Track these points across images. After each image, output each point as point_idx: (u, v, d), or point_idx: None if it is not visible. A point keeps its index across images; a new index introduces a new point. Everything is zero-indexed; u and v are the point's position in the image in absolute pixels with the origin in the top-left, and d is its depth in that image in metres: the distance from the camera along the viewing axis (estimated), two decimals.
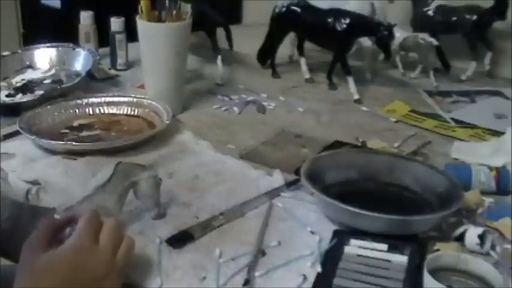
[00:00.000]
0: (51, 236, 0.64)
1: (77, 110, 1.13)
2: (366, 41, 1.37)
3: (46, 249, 0.62)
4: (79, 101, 1.14)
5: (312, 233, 0.78)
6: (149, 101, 1.14)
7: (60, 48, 1.37)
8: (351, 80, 1.30)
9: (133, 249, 0.68)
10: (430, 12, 1.46)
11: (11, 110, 1.12)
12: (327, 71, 1.37)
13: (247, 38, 1.52)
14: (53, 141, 1.00)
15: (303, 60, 1.43)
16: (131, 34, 1.26)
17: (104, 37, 1.43)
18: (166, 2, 1.12)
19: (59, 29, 1.73)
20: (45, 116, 1.10)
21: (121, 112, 1.14)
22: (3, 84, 1.27)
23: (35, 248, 0.62)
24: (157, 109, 1.11)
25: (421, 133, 1.13)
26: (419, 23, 1.48)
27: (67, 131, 1.08)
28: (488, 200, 0.87)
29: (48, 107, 1.11)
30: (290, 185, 0.90)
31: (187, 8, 1.14)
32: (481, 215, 0.83)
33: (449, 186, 0.82)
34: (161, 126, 1.06)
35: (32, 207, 0.81)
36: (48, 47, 1.38)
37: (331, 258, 0.73)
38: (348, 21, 1.27)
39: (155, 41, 1.12)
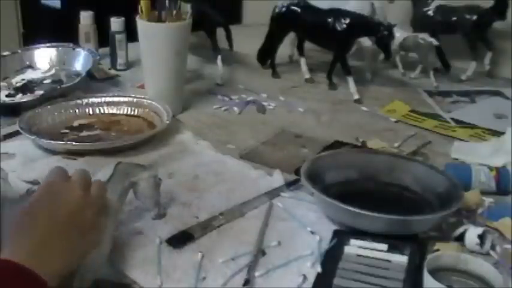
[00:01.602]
0: None
1: (77, 110, 1.13)
2: (366, 41, 1.37)
3: None
4: (79, 101, 1.14)
5: (312, 233, 0.78)
6: (149, 101, 1.14)
7: (60, 48, 1.37)
8: (351, 80, 1.30)
9: (105, 191, 0.69)
10: (430, 12, 1.46)
11: (11, 110, 1.12)
12: (327, 71, 1.37)
13: (247, 38, 1.52)
14: (53, 141, 1.00)
15: (303, 60, 1.43)
16: (131, 34, 1.26)
17: (104, 37, 1.43)
18: (166, 2, 1.12)
19: (59, 29, 1.73)
20: (45, 116, 1.10)
21: (121, 112, 1.14)
22: (3, 84, 1.27)
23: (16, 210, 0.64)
24: (157, 109, 1.12)
25: (421, 133, 1.13)
26: (419, 23, 1.48)
27: (67, 131, 1.08)
28: (488, 200, 0.87)
29: (48, 107, 1.11)
30: (290, 185, 0.90)
31: (187, 8, 1.14)
32: (481, 215, 0.84)
33: (449, 186, 0.82)
34: (161, 126, 1.06)
35: None
36: (48, 47, 1.38)
37: (331, 258, 0.73)
38: (348, 21, 1.27)
39: (155, 41, 1.12)
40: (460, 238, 0.77)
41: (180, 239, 0.76)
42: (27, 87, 1.27)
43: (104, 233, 0.67)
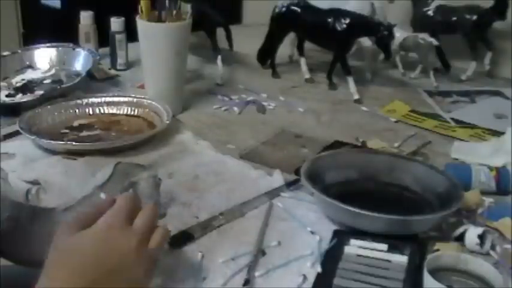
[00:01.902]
0: (91, 220, 0.61)
1: (77, 110, 1.13)
2: (366, 41, 1.37)
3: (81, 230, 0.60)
4: (79, 101, 1.14)
5: (312, 233, 0.78)
6: (149, 101, 1.14)
7: (60, 48, 1.37)
8: (351, 80, 1.30)
9: (168, 240, 0.65)
10: (430, 12, 1.46)
11: (11, 110, 1.12)
12: (327, 71, 1.37)
13: (247, 38, 1.52)
14: (53, 141, 1.00)
15: (303, 60, 1.43)
16: (131, 34, 1.26)
17: (104, 37, 1.43)
18: (166, 2, 1.12)
19: (59, 29, 1.73)
20: (45, 116, 1.10)
21: (121, 112, 1.14)
22: (3, 84, 1.27)
23: (71, 227, 0.60)
24: (157, 109, 1.12)
25: (421, 133, 1.13)
26: (419, 23, 1.48)
27: (67, 131, 1.08)
28: (488, 200, 0.87)
29: (48, 107, 1.11)
30: (290, 185, 0.90)
31: (187, 8, 1.14)
32: (481, 215, 0.84)
33: (449, 186, 0.82)
34: (161, 126, 1.06)
35: (32, 207, 0.81)
36: (48, 47, 1.37)
37: (331, 258, 0.73)
38: (348, 21, 1.27)
39: (155, 41, 1.12)
40: (460, 238, 0.77)
41: (180, 239, 0.76)
42: (27, 87, 1.27)
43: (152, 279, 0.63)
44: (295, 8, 1.34)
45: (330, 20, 1.28)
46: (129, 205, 0.62)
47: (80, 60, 1.33)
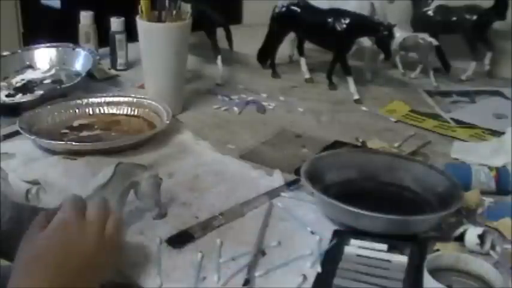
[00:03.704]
0: (44, 226, 0.63)
1: (77, 110, 1.13)
2: (366, 41, 1.37)
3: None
4: (79, 101, 1.14)
5: (312, 233, 0.78)
6: (149, 101, 1.14)
7: (60, 48, 1.36)
8: (350, 80, 1.30)
9: (123, 225, 0.67)
10: (430, 12, 1.46)
11: (11, 110, 1.12)
12: (327, 71, 1.37)
13: (247, 38, 1.52)
14: (53, 141, 1.00)
15: (303, 60, 1.43)
16: (131, 34, 1.26)
17: (104, 37, 1.43)
18: (166, 2, 1.12)
19: (59, 29, 1.73)
20: (45, 116, 1.10)
21: (121, 112, 1.14)
22: (3, 84, 1.27)
23: (28, 238, 0.62)
24: (157, 109, 1.11)
25: (421, 133, 1.13)
26: (419, 23, 1.48)
27: (67, 131, 1.08)
28: (488, 200, 0.87)
29: (48, 107, 1.11)
30: (290, 185, 0.90)
31: (187, 8, 1.14)
32: (481, 215, 0.84)
33: (449, 186, 0.82)
34: (161, 126, 1.06)
35: (32, 208, 0.81)
36: (48, 47, 1.37)
37: (331, 258, 0.73)
38: (348, 21, 1.27)
39: (155, 41, 1.12)
40: (460, 238, 0.76)
41: (180, 239, 0.76)
42: (27, 87, 1.27)
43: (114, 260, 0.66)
44: (295, 8, 1.34)
45: (329, 20, 1.28)
46: (77, 203, 0.65)
47: (80, 60, 1.33)
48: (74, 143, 1.01)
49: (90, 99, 1.15)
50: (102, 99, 1.16)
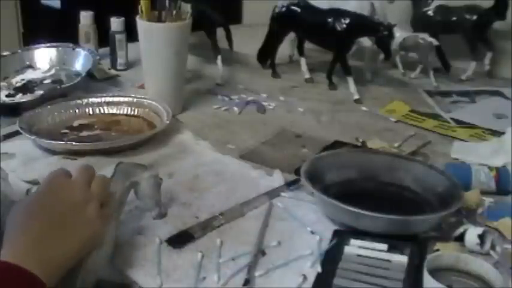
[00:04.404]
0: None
1: (77, 110, 1.13)
2: (366, 41, 1.37)
3: None
4: (79, 101, 1.14)
5: (312, 233, 0.78)
6: (149, 101, 1.14)
7: (60, 48, 1.37)
8: (350, 80, 1.30)
9: (108, 182, 0.70)
10: (430, 12, 1.46)
11: (11, 110, 1.12)
12: (327, 71, 1.37)
13: (247, 38, 1.52)
14: (53, 141, 1.00)
15: (303, 60, 1.43)
16: (131, 34, 1.26)
17: (104, 37, 1.43)
18: (166, 2, 1.12)
19: (59, 29, 1.74)
20: (45, 116, 1.10)
21: (121, 112, 1.14)
22: (3, 84, 1.27)
23: (17, 204, 0.65)
24: (157, 109, 1.11)
25: (421, 133, 1.13)
26: (419, 23, 1.48)
27: (67, 131, 1.08)
28: (488, 200, 0.87)
29: (48, 107, 1.11)
30: (290, 185, 0.90)
31: (187, 8, 1.14)
32: (481, 215, 0.84)
33: (449, 186, 0.82)
34: (161, 126, 1.06)
35: None
36: (48, 47, 1.37)
37: (331, 258, 0.73)
38: (348, 21, 1.27)
39: (155, 41, 1.12)
40: (460, 238, 0.76)
41: (180, 239, 0.76)
42: (27, 87, 1.27)
43: (106, 225, 0.67)
44: (295, 8, 1.34)
45: (329, 20, 1.28)
46: (63, 169, 0.68)
47: (80, 60, 1.33)
48: (74, 143, 1.01)
49: (90, 99, 1.15)
50: (102, 99, 1.15)
